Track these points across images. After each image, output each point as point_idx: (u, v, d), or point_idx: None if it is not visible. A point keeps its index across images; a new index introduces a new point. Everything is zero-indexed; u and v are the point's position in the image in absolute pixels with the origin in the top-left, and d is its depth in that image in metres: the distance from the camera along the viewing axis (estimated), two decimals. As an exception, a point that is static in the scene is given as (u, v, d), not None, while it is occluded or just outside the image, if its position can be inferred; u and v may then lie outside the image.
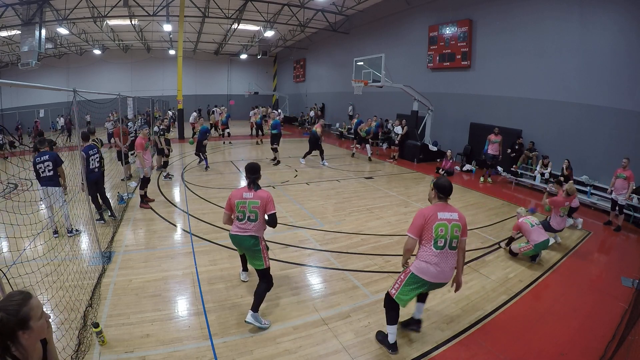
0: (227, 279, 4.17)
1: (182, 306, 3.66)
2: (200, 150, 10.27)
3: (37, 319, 1.30)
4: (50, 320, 1.43)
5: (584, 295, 4.12)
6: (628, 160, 6.32)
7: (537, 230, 4.84)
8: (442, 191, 2.86)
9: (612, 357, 2.93)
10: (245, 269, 4.19)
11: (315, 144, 11.04)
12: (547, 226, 5.30)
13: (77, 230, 5.45)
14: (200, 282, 4.09)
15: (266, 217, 3.35)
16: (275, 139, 11.07)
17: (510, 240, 5.10)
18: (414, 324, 3.30)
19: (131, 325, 3.27)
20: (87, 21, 16.57)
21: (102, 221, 5.91)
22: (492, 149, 9.52)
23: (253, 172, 3.39)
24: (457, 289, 3.04)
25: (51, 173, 5.09)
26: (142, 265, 4.49)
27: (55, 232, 5.33)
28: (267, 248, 3.69)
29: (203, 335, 3.18)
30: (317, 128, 11.05)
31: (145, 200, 6.90)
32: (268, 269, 3.40)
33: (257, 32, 22.09)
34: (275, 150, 11.18)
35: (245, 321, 3.24)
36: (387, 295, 3.03)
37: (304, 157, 11.51)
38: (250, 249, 3.36)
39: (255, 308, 3.28)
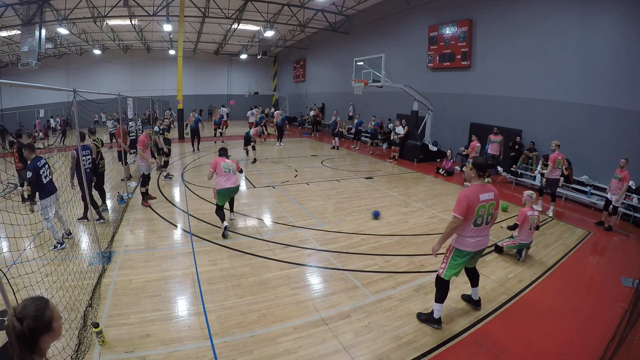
0: (227, 279, 4.17)
1: (182, 306, 3.65)
2: (196, 134, 13.08)
3: (58, 319, 1.33)
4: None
5: (584, 295, 4.12)
6: (626, 160, 6.22)
7: (531, 233, 4.94)
8: (481, 169, 3.18)
9: (612, 357, 2.93)
10: (224, 219, 5.48)
11: (280, 130, 15.37)
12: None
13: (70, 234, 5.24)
14: (200, 282, 4.09)
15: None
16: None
17: (515, 226, 4.94)
18: (474, 303, 3.72)
19: (131, 325, 3.27)
20: (87, 21, 16.56)
21: (102, 220, 5.91)
22: (492, 149, 9.52)
23: (224, 151, 5.80)
24: None
25: (52, 176, 4.86)
26: (142, 265, 4.49)
27: (67, 235, 5.10)
28: None
29: (203, 335, 3.18)
30: (277, 119, 15.47)
31: (146, 198, 6.92)
32: None
33: (257, 32, 22.09)
34: (247, 151, 11.86)
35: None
36: (437, 276, 3.38)
37: (279, 140, 15.53)
38: (237, 191, 5.78)
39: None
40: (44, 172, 4.60)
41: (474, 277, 3.63)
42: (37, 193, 4.53)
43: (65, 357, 2.74)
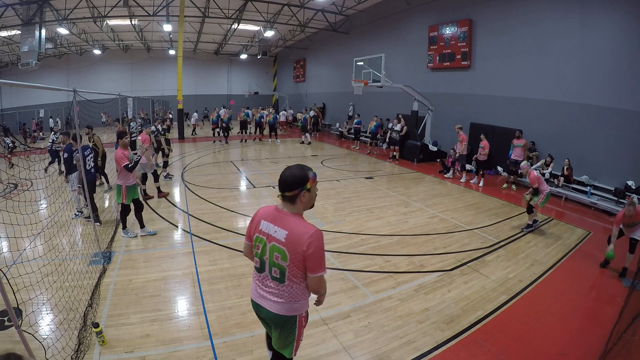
0: (227, 279, 4.17)
1: (182, 306, 3.66)
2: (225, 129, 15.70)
3: None
4: None
5: (584, 295, 4.12)
6: None
7: (544, 181, 6.08)
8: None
9: (612, 357, 2.93)
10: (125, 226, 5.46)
11: (272, 127, 16.14)
12: None
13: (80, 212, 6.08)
14: (200, 282, 4.09)
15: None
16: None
17: (535, 191, 5.94)
18: None
19: (131, 325, 3.27)
20: (87, 21, 16.55)
21: (90, 219, 5.90)
22: (515, 154, 8.97)
23: (123, 134, 5.25)
24: None
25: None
26: (142, 265, 4.49)
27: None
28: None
29: (203, 335, 3.18)
30: (269, 117, 16.47)
31: (145, 198, 6.92)
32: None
33: (257, 32, 22.07)
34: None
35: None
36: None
37: (276, 137, 16.30)
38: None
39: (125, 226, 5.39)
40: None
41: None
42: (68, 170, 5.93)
43: (65, 357, 2.74)
